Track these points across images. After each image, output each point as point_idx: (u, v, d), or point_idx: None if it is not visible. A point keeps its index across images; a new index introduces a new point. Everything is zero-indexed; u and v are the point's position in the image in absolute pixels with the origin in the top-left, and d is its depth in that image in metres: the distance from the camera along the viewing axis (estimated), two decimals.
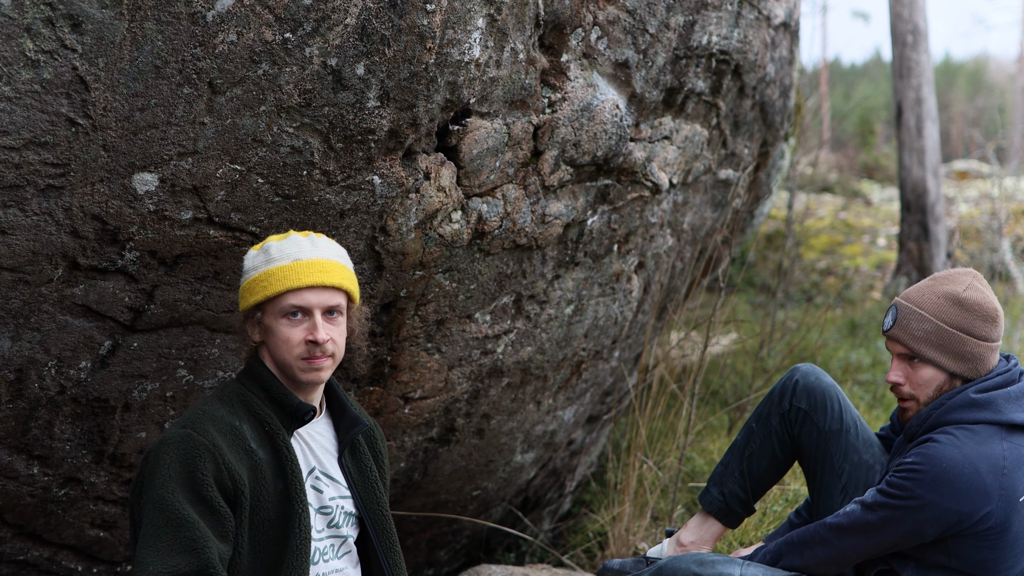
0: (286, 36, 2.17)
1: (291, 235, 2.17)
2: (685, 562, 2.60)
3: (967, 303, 2.43)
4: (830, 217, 12.70)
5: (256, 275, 2.12)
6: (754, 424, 2.84)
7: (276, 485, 2.08)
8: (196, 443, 1.98)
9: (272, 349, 2.14)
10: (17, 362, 2.43)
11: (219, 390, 2.16)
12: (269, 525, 2.07)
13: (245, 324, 2.16)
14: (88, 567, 3.01)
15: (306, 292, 2.10)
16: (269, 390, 2.14)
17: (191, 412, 2.08)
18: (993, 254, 9.71)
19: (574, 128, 2.95)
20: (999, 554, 2.37)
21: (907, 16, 8.73)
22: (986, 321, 2.44)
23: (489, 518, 4.22)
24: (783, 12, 4.09)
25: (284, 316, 2.10)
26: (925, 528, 2.36)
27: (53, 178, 2.12)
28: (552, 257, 3.25)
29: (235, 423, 2.07)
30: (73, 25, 1.96)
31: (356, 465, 2.29)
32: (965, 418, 2.39)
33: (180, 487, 1.94)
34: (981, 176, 15.25)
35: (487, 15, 2.49)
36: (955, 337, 2.43)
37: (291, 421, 2.15)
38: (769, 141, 4.69)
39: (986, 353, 2.45)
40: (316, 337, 2.10)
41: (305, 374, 2.13)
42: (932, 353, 2.44)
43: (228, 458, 2.00)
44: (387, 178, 2.53)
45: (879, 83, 39.75)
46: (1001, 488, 2.32)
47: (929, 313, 2.45)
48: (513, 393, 3.61)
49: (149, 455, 2.01)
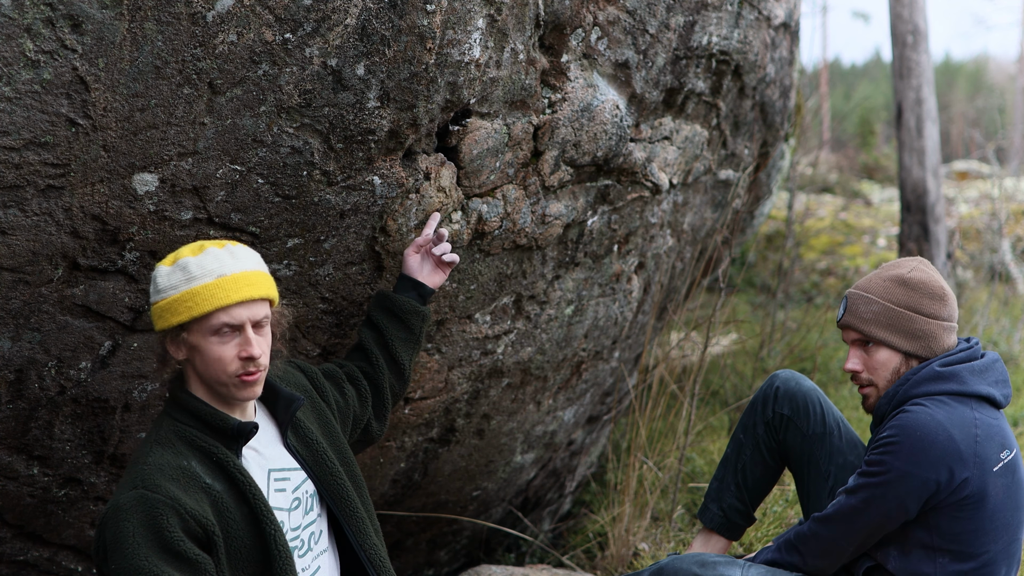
0: (286, 36, 2.17)
1: (207, 248, 2.08)
2: (686, 563, 2.61)
3: (912, 282, 2.50)
4: (830, 217, 12.70)
5: (177, 294, 2.03)
6: (741, 435, 2.87)
7: (240, 510, 2.04)
8: (153, 502, 1.91)
9: (201, 369, 2.06)
10: (17, 362, 2.43)
11: (153, 434, 2.08)
12: (247, 551, 2.03)
13: (165, 344, 2.08)
14: (88, 567, 3.01)
15: (235, 308, 2.03)
16: (204, 419, 2.07)
17: (134, 469, 1.99)
18: (993, 254, 9.71)
19: (574, 128, 2.95)
20: (977, 525, 2.38)
21: (907, 16, 8.73)
22: (933, 299, 2.49)
23: (489, 518, 4.22)
24: (783, 12, 4.09)
25: (214, 334, 2.03)
26: (907, 502, 2.37)
27: (53, 178, 2.12)
28: (552, 257, 3.25)
29: (183, 463, 2.01)
30: (73, 25, 1.96)
31: (301, 442, 2.25)
32: (932, 390, 2.42)
33: (152, 551, 1.87)
34: (981, 176, 15.25)
35: (487, 15, 2.49)
36: (903, 316, 2.49)
37: (235, 443, 2.10)
38: (769, 141, 4.70)
39: (937, 331, 2.49)
40: (251, 352, 2.04)
41: (241, 391, 2.07)
42: (883, 333, 2.50)
43: (188, 505, 1.94)
44: (387, 178, 2.53)
45: (879, 83, 39.77)
46: (976, 455, 2.35)
47: (876, 295, 2.51)
48: (513, 393, 3.61)
49: (106, 524, 1.93)
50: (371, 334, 2.62)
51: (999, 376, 2.50)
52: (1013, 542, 2.44)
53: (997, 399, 2.46)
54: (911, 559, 2.43)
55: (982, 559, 2.40)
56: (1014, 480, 2.42)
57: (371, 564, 2.26)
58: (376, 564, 2.26)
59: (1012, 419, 5.67)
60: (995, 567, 2.42)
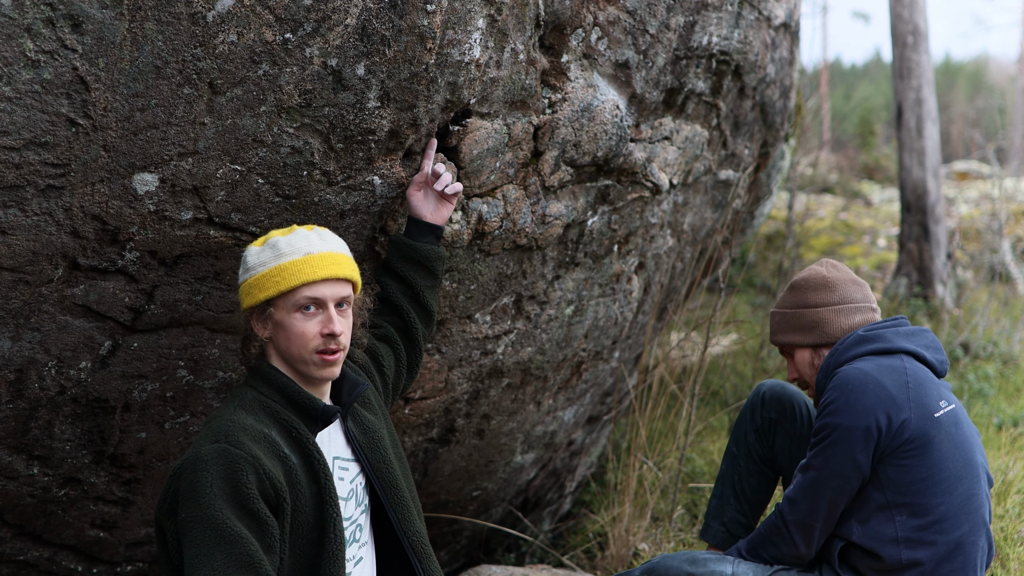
0: (286, 36, 2.17)
1: (296, 229, 2.16)
2: (677, 560, 2.63)
3: (795, 284, 2.71)
4: (830, 218, 12.70)
5: (266, 270, 2.10)
6: (734, 448, 2.92)
7: (310, 489, 2.07)
8: (235, 457, 1.95)
9: (284, 345, 2.12)
10: (17, 362, 2.43)
11: (236, 399, 2.11)
12: (308, 528, 2.06)
13: (251, 321, 2.13)
14: (88, 567, 3.01)
15: (320, 285, 2.10)
16: (289, 395, 2.11)
17: (218, 424, 2.03)
18: (993, 255, 9.71)
19: (574, 128, 2.95)
20: (926, 474, 2.42)
21: (907, 17, 8.72)
22: (815, 290, 2.66)
23: (489, 518, 4.22)
24: (783, 13, 4.09)
25: (298, 310, 2.09)
26: (856, 455, 2.43)
27: (53, 178, 2.12)
28: (552, 258, 3.26)
29: (264, 431, 2.04)
30: (73, 25, 1.96)
31: (359, 428, 2.28)
32: (858, 352, 2.55)
33: (227, 503, 1.91)
34: (981, 177, 15.25)
35: (487, 15, 2.49)
36: (794, 316, 2.68)
37: (316, 424, 2.13)
38: (769, 142, 4.70)
39: (827, 316, 2.65)
40: (332, 329, 2.09)
41: (320, 370, 2.12)
42: (786, 337, 2.70)
43: (267, 466, 1.98)
44: (387, 178, 2.53)
45: (879, 84, 39.77)
46: (910, 399, 2.43)
47: (776, 308, 2.75)
48: (513, 394, 3.61)
49: (183, 472, 1.96)
50: (398, 287, 2.59)
51: (929, 343, 2.60)
52: (970, 499, 2.45)
53: (928, 359, 2.55)
54: (871, 525, 2.46)
55: (938, 512, 2.42)
56: (959, 432, 2.47)
57: (413, 550, 2.28)
58: (418, 551, 2.28)
59: (1012, 419, 5.66)
60: (954, 523, 2.42)
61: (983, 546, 2.47)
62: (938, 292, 8.49)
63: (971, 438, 2.50)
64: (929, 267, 8.59)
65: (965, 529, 2.43)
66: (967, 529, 2.43)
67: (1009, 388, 6.51)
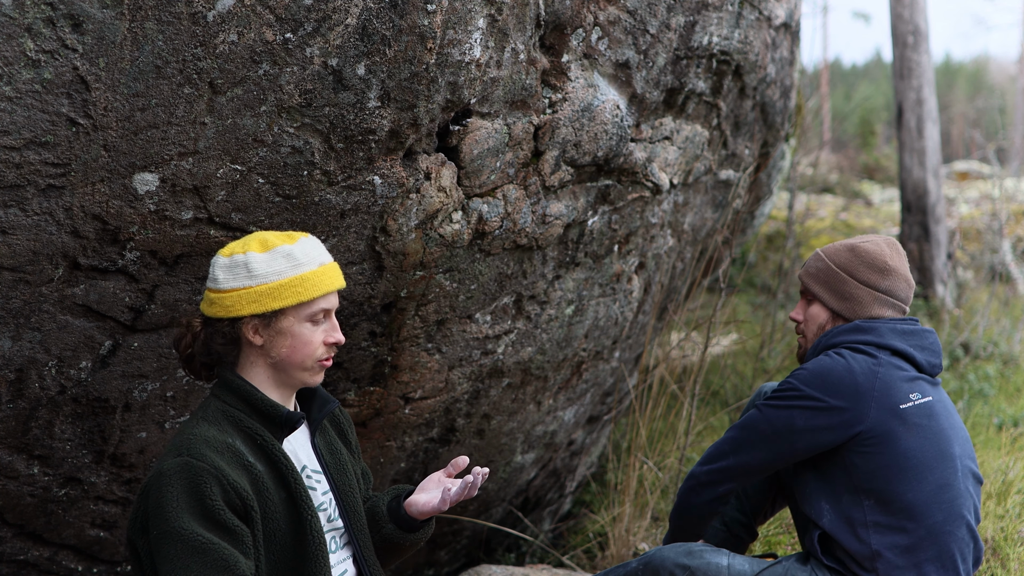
0: (287, 36, 2.17)
1: (301, 237, 2.14)
2: (673, 552, 2.63)
3: (858, 250, 2.64)
4: (831, 218, 12.70)
5: (284, 279, 2.06)
6: None
7: (279, 494, 2.06)
8: (197, 469, 1.94)
9: (284, 352, 2.10)
10: (17, 362, 2.43)
11: (201, 411, 2.11)
12: (281, 535, 2.05)
13: (244, 328, 2.09)
14: (88, 567, 3.01)
15: (332, 296, 2.13)
16: (252, 403, 2.10)
17: (181, 439, 2.02)
18: (994, 255, 9.71)
19: (575, 128, 2.95)
20: (890, 461, 2.42)
21: (908, 17, 8.72)
22: (871, 269, 2.61)
23: (489, 518, 4.22)
24: (784, 13, 4.09)
25: (310, 320, 2.09)
26: (795, 420, 2.46)
27: (54, 178, 2.12)
28: (552, 257, 3.25)
29: (228, 440, 2.04)
30: (74, 25, 1.96)
31: (326, 445, 2.27)
32: (848, 340, 2.55)
33: (192, 516, 1.91)
34: (982, 177, 15.24)
35: (488, 15, 2.49)
36: (838, 276, 2.63)
37: (281, 431, 2.12)
38: (770, 142, 4.70)
39: (866, 298, 2.60)
40: (339, 339, 2.13)
41: (315, 376, 2.14)
42: (817, 287, 2.66)
43: (231, 477, 1.97)
44: (388, 178, 2.53)
45: (880, 84, 39.77)
46: (874, 391, 2.44)
47: (825, 255, 2.68)
48: (513, 393, 3.61)
49: (149, 489, 1.96)
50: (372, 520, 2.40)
51: (925, 343, 2.58)
52: (943, 488, 2.43)
53: (916, 358, 2.54)
54: (842, 505, 2.46)
55: (906, 499, 2.41)
56: (933, 423, 2.47)
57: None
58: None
59: (1012, 419, 5.66)
60: (924, 511, 2.41)
61: (963, 537, 2.45)
62: (938, 292, 8.49)
63: (948, 431, 2.49)
64: (929, 267, 8.59)
65: (939, 518, 2.42)
66: (940, 519, 2.42)
67: (1009, 388, 6.51)
